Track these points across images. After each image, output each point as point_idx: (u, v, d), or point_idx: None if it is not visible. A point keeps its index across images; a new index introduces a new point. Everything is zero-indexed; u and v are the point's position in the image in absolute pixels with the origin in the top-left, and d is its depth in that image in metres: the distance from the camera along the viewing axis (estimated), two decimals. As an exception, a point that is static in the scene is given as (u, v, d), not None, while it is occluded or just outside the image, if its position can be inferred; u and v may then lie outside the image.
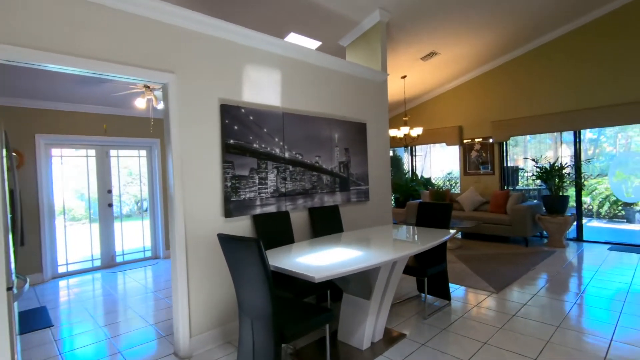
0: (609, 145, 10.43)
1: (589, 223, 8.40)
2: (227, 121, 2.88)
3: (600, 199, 9.05)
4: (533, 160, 6.04)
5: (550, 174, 5.75)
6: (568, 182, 5.86)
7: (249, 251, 1.93)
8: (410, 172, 8.91)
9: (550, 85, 6.17)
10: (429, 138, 7.95)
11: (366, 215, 4.27)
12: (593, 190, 9.00)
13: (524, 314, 3.16)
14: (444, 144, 7.81)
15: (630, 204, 8.26)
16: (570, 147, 6.17)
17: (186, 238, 2.67)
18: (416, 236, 3.16)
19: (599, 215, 9.05)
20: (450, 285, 3.90)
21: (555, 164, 5.78)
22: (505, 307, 3.34)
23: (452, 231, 3.23)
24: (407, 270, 3.19)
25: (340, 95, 4.00)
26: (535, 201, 6.35)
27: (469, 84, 7.25)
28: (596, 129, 10.93)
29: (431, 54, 5.93)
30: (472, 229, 6.06)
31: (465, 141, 7.38)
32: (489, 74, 6.94)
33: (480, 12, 4.86)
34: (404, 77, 6.62)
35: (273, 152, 3.23)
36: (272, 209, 3.21)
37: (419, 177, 8.69)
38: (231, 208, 2.89)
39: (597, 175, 9.39)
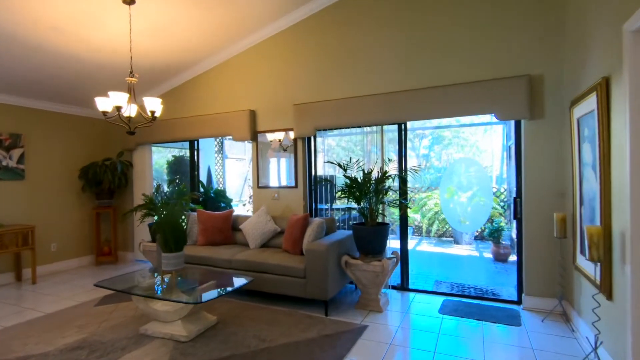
0: (436, 160, 10.02)
1: (418, 247, 6.94)
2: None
3: (430, 216, 7.84)
4: (340, 165, 3.66)
5: (363, 187, 3.48)
6: (390, 201, 3.75)
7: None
8: (198, 180, 5.81)
9: (372, 54, 4.02)
10: (200, 128, 4.99)
11: None
12: (423, 206, 7.72)
13: None
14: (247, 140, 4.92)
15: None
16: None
17: None
18: None
19: (428, 234, 7.87)
20: None
21: (371, 172, 3.55)
22: None
23: None
24: None
25: None
26: (348, 232, 4.06)
27: (266, 46, 4.65)
28: (427, 144, 10.57)
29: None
30: (248, 286, 3.27)
31: (261, 134, 4.72)
32: (293, 31, 4.47)
33: None
34: (129, 1, 3.46)
35: None
36: None
37: (208, 189, 5.70)
38: None
39: (428, 189, 8.27)
